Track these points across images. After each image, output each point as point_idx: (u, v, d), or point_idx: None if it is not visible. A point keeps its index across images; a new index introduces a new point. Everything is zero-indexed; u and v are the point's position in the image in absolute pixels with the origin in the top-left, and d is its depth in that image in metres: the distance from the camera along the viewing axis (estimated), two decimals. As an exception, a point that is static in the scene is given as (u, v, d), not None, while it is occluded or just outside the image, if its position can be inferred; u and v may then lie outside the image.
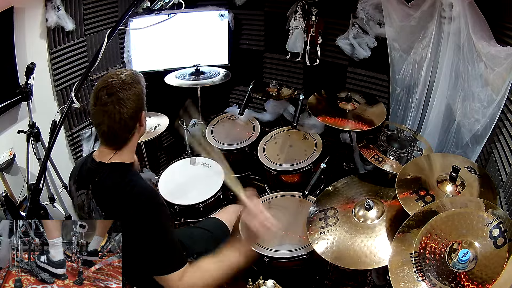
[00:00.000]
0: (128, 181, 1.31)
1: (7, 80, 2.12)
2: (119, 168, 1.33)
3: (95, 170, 1.33)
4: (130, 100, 1.27)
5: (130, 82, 1.29)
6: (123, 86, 1.26)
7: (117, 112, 1.25)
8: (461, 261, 1.18)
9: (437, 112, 2.17)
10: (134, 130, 1.33)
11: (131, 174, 1.35)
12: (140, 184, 1.33)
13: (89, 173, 1.35)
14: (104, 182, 1.31)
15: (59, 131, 1.49)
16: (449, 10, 1.92)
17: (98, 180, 1.32)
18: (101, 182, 1.32)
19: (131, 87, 1.28)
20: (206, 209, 2.24)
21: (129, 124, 1.29)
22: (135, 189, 1.29)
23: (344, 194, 1.95)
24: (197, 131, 2.71)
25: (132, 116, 1.29)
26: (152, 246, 1.26)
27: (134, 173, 1.38)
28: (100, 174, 1.32)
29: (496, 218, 1.22)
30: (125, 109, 1.26)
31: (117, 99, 1.24)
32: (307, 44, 2.68)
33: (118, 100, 1.24)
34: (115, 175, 1.32)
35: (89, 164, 1.36)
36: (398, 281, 1.25)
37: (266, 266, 1.84)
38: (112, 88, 1.25)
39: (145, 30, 2.62)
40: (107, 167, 1.32)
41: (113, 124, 1.26)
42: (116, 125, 1.27)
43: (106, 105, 1.24)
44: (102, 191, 1.32)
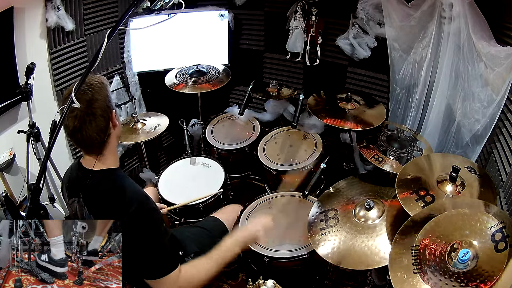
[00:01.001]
0: (118, 187, 1.31)
1: (7, 80, 2.12)
2: (106, 175, 1.33)
3: (84, 177, 1.33)
4: (98, 100, 1.26)
5: (93, 83, 1.29)
6: (87, 89, 1.25)
7: (85, 114, 1.24)
8: (461, 261, 1.17)
9: (437, 112, 2.17)
10: (109, 131, 1.32)
11: (119, 180, 1.34)
12: (130, 190, 1.32)
13: (79, 180, 1.35)
14: (94, 190, 1.31)
15: (59, 131, 1.49)
16: (449, 10, 1.92)
17: (88, 187, 1.32)
18: (91, 189, 1.32)
19: (95, 89, 1.27)
20: (206, 209, 2.24)
21: (101, 125, 1.28)
22: (125, 196, 1.29)
23: (344, 194, 1.95)
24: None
25: (103, 115, 1.28)
26: (144, 250, 1.27)
27: (123, 178, 1.37)
28: (89, 182, 1.31)
29: (500, 222, 1.21)
30: (94, 109, 1.25)
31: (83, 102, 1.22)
32: (307, 44, 2.68)
33: (85, 102, 1.22)
34: (104, 182, 1.31)
35: (78, 171, 1.36)
36: (398, 281, 1.25)
37: (266, 266, 1.84)
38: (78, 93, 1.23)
39: (145, 30, 2.62)
40: (95, 174, 1.31)
41: (85, 128, 1.25)
42: (89, 128, 1.26)
43: (73, 110, 1.21)
44: (93, 198, 1.32)
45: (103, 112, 1.28)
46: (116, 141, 1.38)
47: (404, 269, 1.27)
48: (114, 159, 1.37)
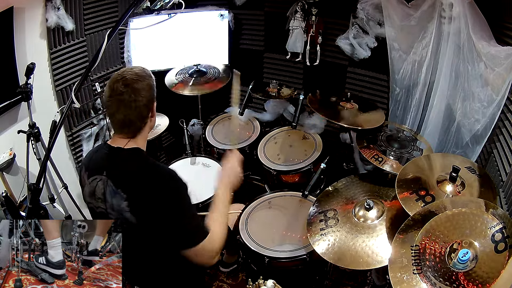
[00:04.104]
0: (152, 164, 1.40)
1: (7, 80, 2.12)
2: (138, 152, 1.40)
3: (113, 155, 1.38)
4: (144, 90, 1.35)
5: (143, 74, 1.39)
6: (138, 78, 1.35)
7: (132, 101, 1.32)
8: (461, 261, 1.17)
9: (437, 112, 2.17)
10: (147, 120, 1.41)
11: (151, 158, 1.43)
12: (162, 166, 1.44)
13: (105, 158, 1.40)
14: (125, 166, 1.37)
15: (59, 131, 1.49)
16: (449, 10, 1.92)
17: (118, 163, 1.37)
18: (122, 165, 1.37)
19: (144, 79, 1.38)
20: (206, 209, 2.23)
21: (143, 112, 1.37)
22: (159, 171, 1.38)
23: (343, 194, 1.95)
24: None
25: (146, 105, 1.37)
26: (183, 221, 1.34)
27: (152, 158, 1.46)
28: (119, 158, 1.37)
29: (500, 222, 1.21)
30: (140, 97, 1.34)
31: (132, 89, 1.32)
32: (307, 44, 2.68)
33: (133, 90, 1.32)
34: (137, 158, 1.39)
35: (105, 150, 1.41)
36: (398, 281, 1.25)
37: (266, 266, 1.84)
38: (127, 79, 1.33)
39: (145, 30, 2.62)
40: (126, 151, 1.37)
41: (129, 112, 1.33)
42: (132, 113, 1.34)
43: (122, 94, 1.31)
44: (124, 174, 1.36)
45: (147, 102, 1.37)
46: (148, 130, 1.47)
47: (404, 269, 1.27)
48: (143, 144, 1.45)
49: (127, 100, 1.32)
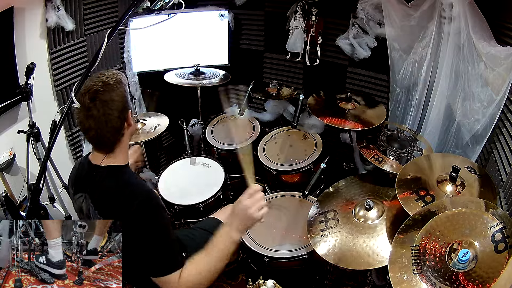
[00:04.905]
0: (125, 184, 1.30)
1: (7, 80, 2.12)
2: (114, 171, 1.32)
3: (90, 173, 1.32)
4: (114, 101, 1.24)
5: (111, 83, 1.26)
6: (105, 89, 1.23)
7: (102, 115, 1.22)
8: (461, 261, 1.17)
9: (437, 112, 2.17)
10: (123, 131, 1.32)
11: (127, 177, 1.34)
12: (137, 187, 1.32)
13: (86, 176, 1.35)
14: (101, 186, 1.30)
15: (59, 131, 1.49)
16: (449, 10, 1.92)
17: (95, 183, 1.31)
18: (98, 185, 1.31)
19: (113, 88, 1.25)
20: (206, 209, 2.24)
21: (116, 125, 1.27)
22: (132, 192, 1.28)
23: (343, 195, 1.95)
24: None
25: (119, 116, 1.27)
26: (151, 247, 1.25)
27: (130, 175, 1.37)
28: (96, 177, 1.31)
29: (500, 222, 1.21)
30: (110, 110, 1.23)
31: (100, 102, 1.21)
32: (307, 44, 2.68)
33: (101, 103, 1.22)
34: (111, 178, 1.31)
35: (86, 166, 1.35)
36: (398, 281, 1.25)
37: (266, 266, 1.84)
38: (93, 92, 1.22)
39: (145, 30, 2.62)
40: (102, 170, 1.31)
41: (100, 127, 1.24)
42: (104, 128, 1.25)
43: (90, 109, 1.21)
44: (99, 194, 1.31)
45: (119, 113, 1.26)
46: (128, 139, 1.38)
47: (404, 269, 1.27)
48: (123, 156, 1.36)
49: (96, 115, 1.21)
